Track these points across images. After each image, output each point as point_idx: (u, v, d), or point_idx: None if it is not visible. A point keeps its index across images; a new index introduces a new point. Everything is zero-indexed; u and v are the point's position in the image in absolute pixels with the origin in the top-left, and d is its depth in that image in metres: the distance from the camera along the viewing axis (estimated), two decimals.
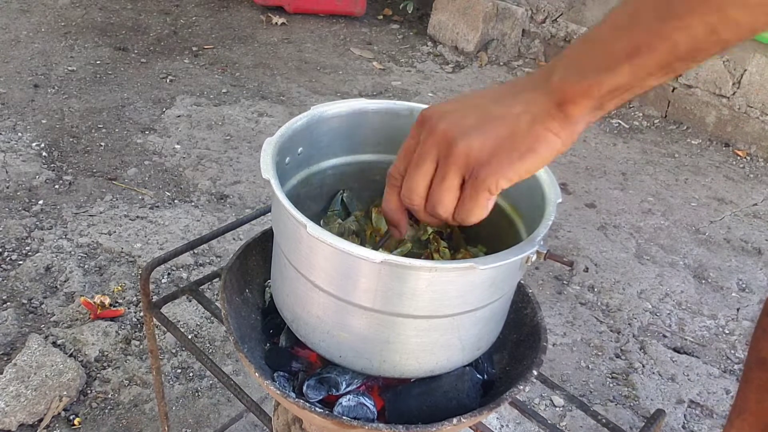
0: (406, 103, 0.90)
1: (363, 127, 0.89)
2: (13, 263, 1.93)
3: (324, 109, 0.83)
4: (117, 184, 2.32)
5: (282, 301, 0.77)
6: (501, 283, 0.73)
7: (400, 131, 0.90)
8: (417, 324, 0.70)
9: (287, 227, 0.70)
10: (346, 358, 0.73)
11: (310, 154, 0.85)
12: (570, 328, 1.96)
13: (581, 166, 2.79)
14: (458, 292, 0.68)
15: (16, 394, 1.50)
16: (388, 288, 0.66)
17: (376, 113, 0.88)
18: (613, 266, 2.24)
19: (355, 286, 0.67)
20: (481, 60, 3.55)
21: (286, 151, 0.78)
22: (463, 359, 0.77)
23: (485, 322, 0.76)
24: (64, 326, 1.74)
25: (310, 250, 0.68)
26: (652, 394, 1.77)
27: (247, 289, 0.89)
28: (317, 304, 0.71)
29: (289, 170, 0.80)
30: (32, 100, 2.75)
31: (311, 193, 0.84)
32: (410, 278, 0.66)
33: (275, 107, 2.91)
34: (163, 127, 2.67)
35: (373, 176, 0.93)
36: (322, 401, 0.76)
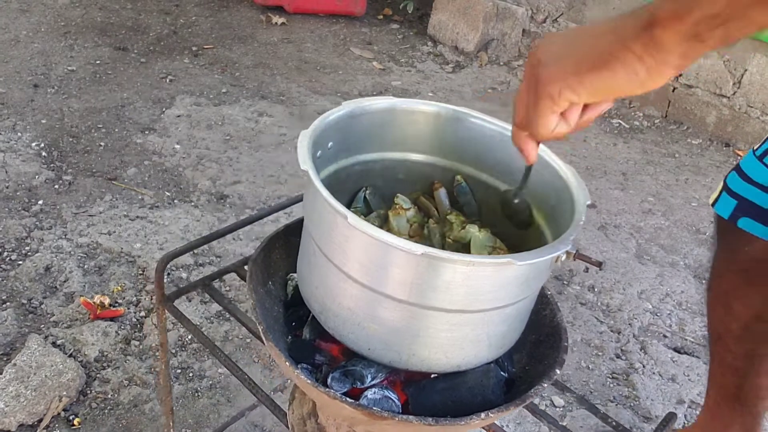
0: (434, 103, 0.90)
1: (390, 126, 0.90)
2: (13, 263, 1.93)
3: (356, 105, 0.84)
4: (117, 184, 2.32)
5: (310, 293, 0.78)
6: (531, 281, 0.74)
7: (425, 131, 0.91)
8: (449, 318, 0.70)
9: (323, 218, 0.71)
10: (374, 350, 0.74)
11: (339, 149, 0.85)
12: (570, 328, 1.95)
13: (581, 166, 2.79)
14: (492, 287, 0.69)
15: (16, 394, 1.50)
16: (423, 280, 0.67)
17: (404, 112, 0.89)
18: (614, 266, 2.24)
19: (390, 278, 0.68)
20: (482, 60, 3.55)
21: (318, 145, 0.78)
22: (489, 356, 0.78)
23: (512, 320, 0.77)
24: (63, 326, 1.74)
25: (346, 241, 0.69)
26: (652, 395, 1.77)
27: (270, 282, 0.90)
28: (349, 295, 0.72)
29: (320, 164, 0.81)
30: (32, 100, 2.74)
31: (336, 188, 0.84)
32: (447, 271, 0.66)
33: (275, 107, 2.91)
34: (163, 127, 2.67)
35: (396, 174, 0.94)
36: (346, 393, 0.77)
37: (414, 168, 0.94)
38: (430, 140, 0.92)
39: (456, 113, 0.90)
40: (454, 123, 0.90)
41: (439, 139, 0.92)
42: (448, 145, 0.92)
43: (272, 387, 1.63)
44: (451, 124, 0.90)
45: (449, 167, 0.94)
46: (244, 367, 1.70)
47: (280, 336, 0.84)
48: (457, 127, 0.90)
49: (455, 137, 0.91)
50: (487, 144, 0.90)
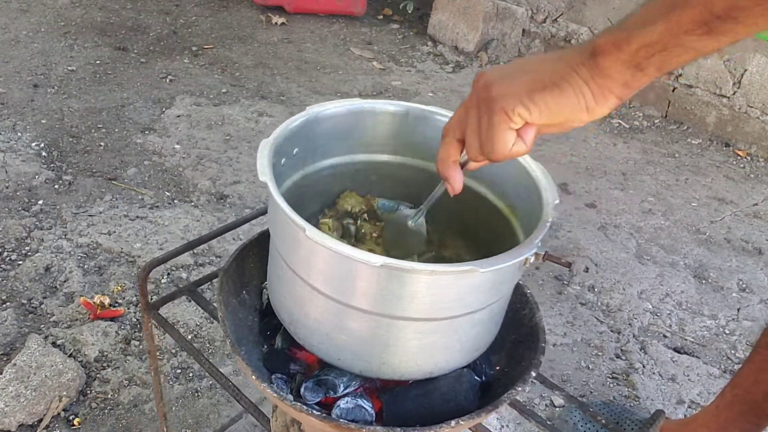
0: (402, 102, 0.90)
1: (358, 128, 0.89)
2: (13, 263, 1.93)
3: (320, 110, 0.83)
4: (117, 184, 2.32)
5: (280, 304, 0.77)
6: (500, 285, 0.73)
7: (396, 131, 0.90)
8: (416, 326, 0.70)
9: (285, 230, 0.70)
10: (345, 360, 0.73)
11: (305, 155, 0.85)
12: (570, 328, 1.95)
13: (581, 166, 2.79)
14: (457, 294, 0.68)
15: (16, 394, 1.50)
16: (387, 291, 0.66)
17: (372, 113, 0.88)
18: (614, 266, 2.24)
19: (354, 289, 0.67)
20: (482, 60, 3.55)
21: (281, 153, 0.78)
22: (462, 360, 0.77)
23: (484, 324, 0.76)
24: (63, 326, 1.74)
25: (309, 253, 0.68)
26: (652, 395, 1.77)
27: (245, 291, 0.89)
28: (316, 306, 0.71)
29: (285, 171, 0.80)
30: (32, 100, 2.74)
31: (306, 193, 0.84)
32: (410, 281, 0.65)
33: (275, 107, 2.91)
34: (163, 127, 2.67)
35: (368, 177, 0.93)
36: (320, 403, 0.76)
37: (385, 169, 0.94)
38: (399, 140, 0.92)
39: (423, 112, 0.90)
40: (421, 122, 0.90)
41: (407, 138, 0.91)
42: (418, 145, 0.92)
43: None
44: (418, 123, 0.90)
45: (421, 167, 0.94)
46: (240, 369, 1.71)
47: (255, 346, 0.84)
48: (425, 126, 0.90)
49: (424, 136, 0.90)
50: None
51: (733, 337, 2.01)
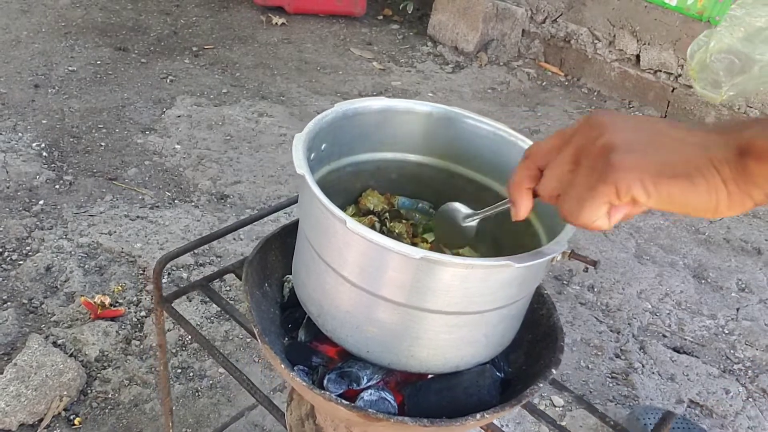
0: (427, 103, 0.90)
1: (383, 127, 0.89)
2: (14, 263, 1.94)
3: (349, 107, 0.84)
4: (117, 184, 2.32)
5: (307, 296, 0.78)
6: (528, 281, 0.74)
7: (418, 131, 0.91)
8: (447, 320, 0.71)
9: (320, 222, 0.71)
10: (373, 353, 0.74)
11: (331, 151, 0.85)
12: (570, 328, 1.96)
13: None
14: (490, 289, 0.69)
15: (17, 393, 1.50)
16: (422, 284, 0.67)
17: (397, 113, 0.89)
18: (613, 266, 2.24)
19: (388, 281, 0.68)
20: (481, 60, 3.55)
21: (312, 147, 0.78)
22: (487, 355, 0.78)
23: (510, 319, 0.77)
24: (64, 326, 1.75)
25: (345, 245, 0.69)
26: (651, 394, 1.78)
27: (266, 284, 0.90)
28: (347, 298, 0.72)
29: (314, 166, 0.81)
30: (32, 100, 2.75)
31: (329, 189, 0.84)
32: (445, 274, 0.66)
33: (275, 107, 2.92)
34: (164, 128, 2.68)
35: (389, 175, 0.93)
36: (342, 395, 0.77)
37: (406, 168, 0.94)
38: (423, 140, 0.92)
39: (448, 113, 0.90)
40: (446, 123, 0.90)
41: (431, 139, 0.92)
42: (441, 146, 0.92)
43: (272, 387, 1.64)
44: (443, 124, 0.90)
45: (442, 167, 0.94)
46: (243, 366, 1.71)
47: (277, 338, 0.84)
48: (450, 127, 0.90)
49: (447, 137, 0.91)
50: (480, 144, 0.90)
51: (732, 337, 2.01)
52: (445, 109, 0.90)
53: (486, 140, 0.89)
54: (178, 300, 1.79)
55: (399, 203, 0.96)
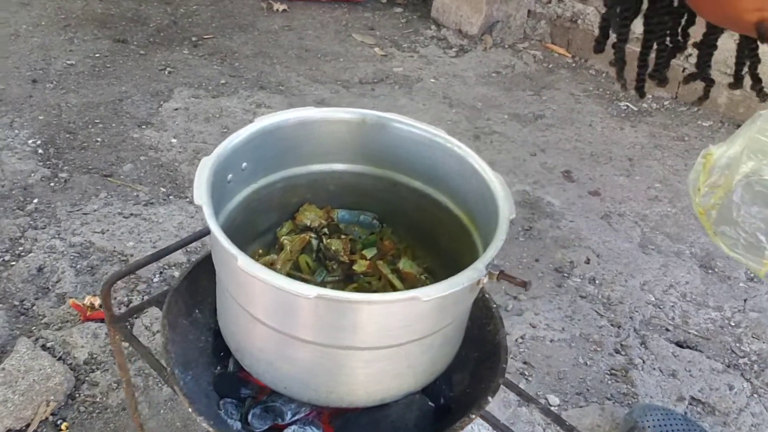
0: (357, 110, 0.86)
1: (312, 137, 0.85)
2: (6, 264, 1.93)
3: (267, 122, 0.80)
4: (112, 181, 2.31)
5: (226, 330, 0.75)
6: (451, 308, 0.69)
7: (352, 140, 0.86)
8: (362, 355, 0.67)
9: (223, 258, 0.67)
10: (291, 389, 0.70)
11: (255, 169, 0.81)
12: (569, 322, 1.91)
13: (586, 152, 2.71)
14: (403, 322, 0.65)
15: (3, 399, 1.50)
16: (326, 322, 0.63)
17: (325, 122, 0.84)
18: (616, 257, 2.18)
19: (293, 320, 0.64)
20: (486, 43, 3.46)
21: (227, 169, 0.74)
22: (415, 385, 0.74)
23: (438, 348, 0.73)
24: (54, 328, 1.74)
25: (246, 283, 0.65)
26: (651, 391, 1.73)
27: (197, 310, 0.86)
28: (258, 335, 0.68)
29: (234, 187, 0.77)
30: (30, 95, 2.73)
31: (261, 207, 0.81)
32: (349, 312, 0.62)
33: (274, 97, 2.87)
34: (160, 121, 2.65)
35: (327, 187, 0.89)
36: (269, 430, 0.73)
37: (344, 179, 0.90)
38: (358, 149, 0.88)
39: (380, 119, 0.85)
40: (379, 130, 0.86)
41: (366, 147, 0.87)
42: (377, 153, 0.88)
43: None
44: (376, 131, 0.86)
45: (382, 176, 0.90)
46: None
47: (206, 368, 0.81)
48: (384, 133, 0.86)
49: (383, 145, 0.86)
50: (416, 151, 0.85)
51: (738, 330, 1.95)
52: (376, 116, 0.85)
53: (423, 147, 0.84)
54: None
55: (338, 217, 0.92)
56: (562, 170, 2.58)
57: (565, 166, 2.60)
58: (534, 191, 2.44)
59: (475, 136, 2.75)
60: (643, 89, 1.08)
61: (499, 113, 2.93)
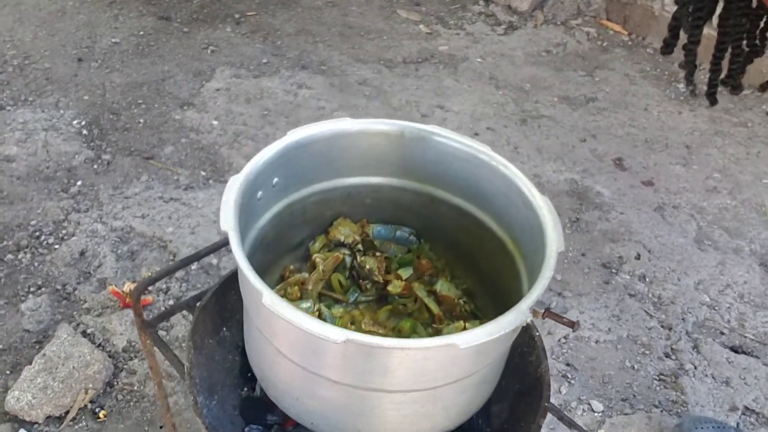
0: (396, 122, 0.80)
1: (348, 150, 0.80)
2: (50, 247, 1.95)
3: (300, 136, 0.75)
4: (153, 164, 2.30)
5: (252, 358, 0.71)
6: (490, 351, 0.64)
7: (391, 153, 0.80)
8: (393, 398, 0.62)
9: (248, 289, 0.63)
10: (318, 425, 0.66)
11: (288, 183, 0.77)
12: (616, 323, 1.83)
13: (640, 138, 2.58)
14: (438, 366, 0.60)
15: (44, 386, 1.52)
16: (356, 364, 0.58)
17: (363, 135, 0.79)
18: (669, 253, 2.07)
19: (321, 360, 0.60)
20: (537, 19, 3.32)
21: (257, 186, 0.70)
22: (449, 425, 0.69)
23: (474, 388, 0.67)
24: (94, 314, 1.75)
25: (271, 317, 0.60)
26: (702, 400, 1.64)
27: (225, 327, 0.82)
28: (285, 370, 0.65)
29: (264, 204, 0.73)
30: (75, 75, 2.75)
31: (294, 221, 0.76)
32: (380, 356, 0.57)
33: (315, 78, 2.82)
34: (202, 102, 2.63)
35: (363, 200, 0.84)
36: None
37: (382, 192, 0.84)
38: (395, 162, 0.82)
39: (420, 132, 0.79)
40: (419, 143, 0.79)
41: (404, 160, 0.81)
42: (416, 167, 0.82)
43: None
44: (416, 145, 0.79)
45: (421, 191, 0.83)
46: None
47: (233, 390, 0.78)
48: (424, 147, 0.79)
49: (422, 158, 0.80)
50: (459, 167, 0.79)
51: None
52: (416, 128, 0.79)
53: (466, 163, 0.78)
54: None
55: (374, 232, 0.86)
56: (614, 158, 2.47)
57: (616, 153, 2.48)
58: (583, 180, 2.34)
59: (522, 120, 2.64)
60: (715, 96, 0.99)
61: (549, 95, 2.82)
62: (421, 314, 0.81)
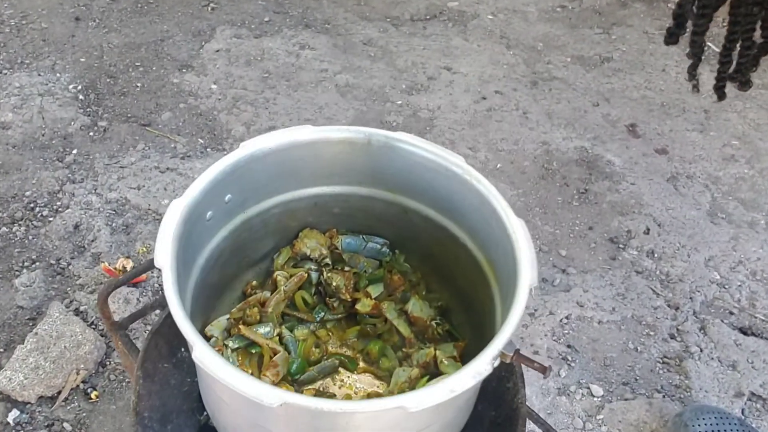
0: (360, 129, 0.73)
1: (311, 160, 0.73)
2: (44, 219, 1.93)
3: (253, 148, 0.69)
4: (150, 131, 2.25)
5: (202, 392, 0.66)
6: (447, 406, 0.58)
7: (358, 161, 0.74)
8: None
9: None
10: None
11: (244, 198, 0.71)
12: (621, 302, 1.77)
13: (656, 102, 2.47)
14: (390, 424, 0.55)
15: (35, 366, 1.51)
16: (299, 423, 0.54)
17: (325, 143, 0.72)
18: (680, 227, 1.99)
19: (263, 414, 0.55)
20: None
21: (205, 207, 0.65)
22: None
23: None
24: (88, 290, 1.74)
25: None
26: (707, 385, 1.59)
27: (183, 348, 0.78)
28: (229, 415, 0.60)
29: (215, 224, 0.68)
30: (72, 35, 2.67)
31: (255, 235, 0.71)
32: (324, 418, 0.53)
33: (318, 38, 2.71)
34: (201, 64, 2.55)
35: (330, 209, 0.78)
36: None
37: (351, 201, 0.78)
38: (364, 171, 0.75)
39: (387, 141, 0.72)
40: (387, 152, 0.73)
41: (373, 169, 0.75)
42: (386, 176, 0.75)
43: None
44: (384, 153, 0.73)
45: (393, 201, 0.77)
46: None
47: (190, 416, 0.74)
48: (392, 156, 0.73)
49: (392, 167, 0.74)
50: (430, 177, 0.72)
51: None
52: (384, 137, 0.72)
53: (437, 174, 0.71)
54: None
55: (343, 244, 0.80)
56: (627, 123, 2.36)
57: (630, 118, 2.38)
58: (593, 148, 2.25)
59: (532, 82, 2.53)
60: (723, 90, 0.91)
61: (561, 55, 2.69)
62: (391, 336, 0.76)
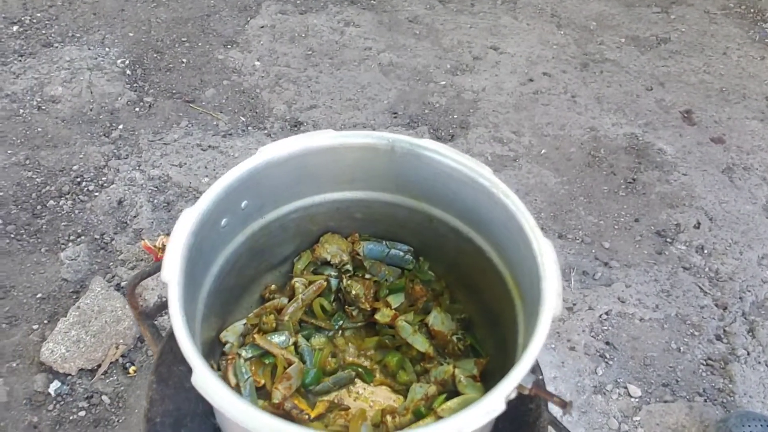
0: (384, 135, 0.70)
1: (331, 165, 0.71)
2: (90, 194, 1.97)
3: (270, 155, 0.67)
4: (194, 108, 2.26)
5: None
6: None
7: (381, 167, 0.71)
8: None
9: None
10: None
11: (261, 204, 0.69)
12: (665, 299, 1.71)
13: (714, 87, 2.35)
14: None
15: (77, 339, 1.56)
16: None
17: (346, 149, 0.70)
18: (733, 222, 1.90)
19: None
20: None
21: (219, 215, 0.63)
22: None
23: None
24: (129, 266, 1.77)
25: None
26: (751, 390, 1.53)
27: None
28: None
29: (231, 230, 0.66)
30: (122, 9, 2.70)
31: (274, 240, 0.69)
32: None
33: (364, 14, 2.67)
34: (246, 41, 2.55)
35: (352, 214, 0.76)
36: None
37: (374, 207, 0.75)
38: (387, 177, 0.72)
39: (411, 149, 0.69)
40: (411, 159, 0.69)
41: (397, 175, 0.72)
42: (410, 184, 0.72)
43: None
44: (408, 161, 0.69)
45: (418, 209, 0.74)
46: None
47: (205, 420, 0.73)
48: (417, 164, 0.69)
49: (416, 175, 0.70)
50: (455, 187, 0.69)
51: None
52: (408, 144, 0.69)
53: (463, 185, 0.68)
54: None
55: (365, 251, 0.77)
56: (682, 110, 2.25)
57: (686, 104, 2.27)
58: (644, 135, 2.16)
59: (583, 64, 2.44)
60: None
61: (615, 36, 2.58)
62: (410, 348, 0.73)
